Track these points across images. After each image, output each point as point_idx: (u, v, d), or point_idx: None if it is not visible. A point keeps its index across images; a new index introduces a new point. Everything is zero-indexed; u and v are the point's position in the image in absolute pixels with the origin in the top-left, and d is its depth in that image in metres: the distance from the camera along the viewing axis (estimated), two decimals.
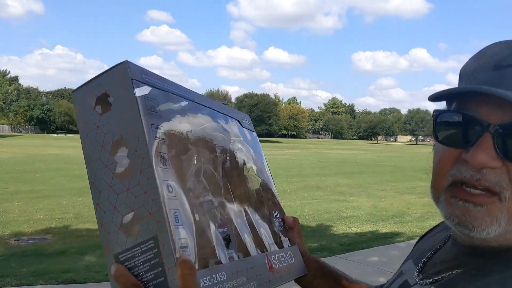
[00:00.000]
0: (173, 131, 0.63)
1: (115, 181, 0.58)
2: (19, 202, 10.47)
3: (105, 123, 0.60)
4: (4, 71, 70.62)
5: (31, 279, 4.96)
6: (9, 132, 79.58)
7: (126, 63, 0.61)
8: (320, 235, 7.86)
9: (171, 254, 0.53)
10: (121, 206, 0.57)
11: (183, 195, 0.60)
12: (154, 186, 0.55)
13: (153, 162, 0.57)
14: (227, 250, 0.64)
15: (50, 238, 7.44)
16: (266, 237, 0.77)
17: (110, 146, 0.59)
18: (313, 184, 15.09)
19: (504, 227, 0.55)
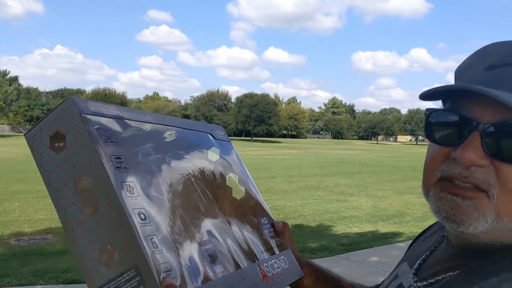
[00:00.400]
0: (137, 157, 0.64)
1: (85, 217, 0.59)
2: (19, 202, 10.48)
3: (64, 161, 0.60)
4: (4, 71, 70.48)
5: (32, 279, 4.97)
6: (9, 132, 79.59)
7: (70, 99, 0.61)
8: (320, 235, 7.87)
9: (154, 281, 0.54)
10: (96, 241, 0.58)
11: (159, 219, 0.60)
12: (124, 217, 0.56)
13: (119, 193, 0.57)
14: (214, 265, 0.65)
15: (51, 238, 7.45)
16: (255, 246, 0.77)
17: (73, 184, 0.59)
18: (313, 184, 15.10)
19: (491, 223, 0.56)
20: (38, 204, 10.37)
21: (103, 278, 0.57)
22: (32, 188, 12.66)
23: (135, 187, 0.60)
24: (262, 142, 75.75)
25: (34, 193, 11.88)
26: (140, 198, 0.60)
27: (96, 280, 0.58)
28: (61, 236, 7.55)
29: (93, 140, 0.58)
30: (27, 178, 14.79)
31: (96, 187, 0.58)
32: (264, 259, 0.78)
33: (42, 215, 9.18)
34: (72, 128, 0.59)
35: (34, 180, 14.47)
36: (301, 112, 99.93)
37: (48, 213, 9.39)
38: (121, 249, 0.56)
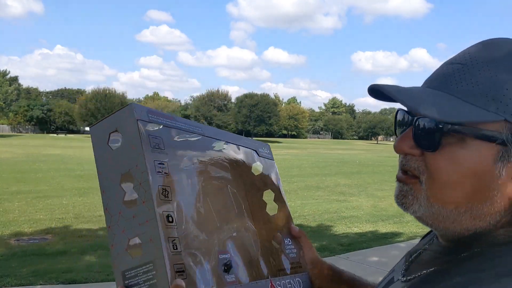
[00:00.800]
0: (180, 165, 0.70)
1: (124, 208, 0.66)
2: (19, 202, 10.48)
3: (116, 156, 0.68)
4: (4, 71, 70.47)
5: (32, 279, 4.97)
6: (9, 132, 79.59)
7: (132, 105, 0.69)
8: (320, 235, 7.87)
9: (165, 278, 0.60)
10: (128, 230, 0.65)
11: (186, 224, 0.67)
12: (154, 216, 0.62)
13: (154, 195, 0.64)
14: (227, 274, 0.69)
15: (51, 238, 7.45)
16: (273, 264, 0.81)
17: (120, 178, 0.67)
18: (313, 184, 15.10)
19: (426, 207, 0.61)
20: (38, 204, 10.37)
21: (126, 265, 0.64)
22: (32, 188, 12.66)
23: (170, 192, 0.66)
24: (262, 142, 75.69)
25: (34, 193, 11.88)
26: (173, 202, 0.66)
27: (120, 265, 0.65)
28: (61, 236, 7.56)
29: (142, 145, 0.66)
30: (27, 178, 14.79)
31: (137, 185, 0.65)
32: (279, 277, 0.81)
33: (42, 215, 9.18)
34: (128, 130, 0.67)
35: (34, 180, 14.47)
36: (301, 112, 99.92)
37: (48, 213, 9.40)
38: (145, 243, 0.63)
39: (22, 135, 71.80)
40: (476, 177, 0.57)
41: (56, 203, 10.54)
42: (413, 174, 0.62)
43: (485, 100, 0.57)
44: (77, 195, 11.67)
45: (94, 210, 9.78)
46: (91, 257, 6.19)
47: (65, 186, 13.31)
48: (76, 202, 10.78)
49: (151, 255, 0.62)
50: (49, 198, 11.21)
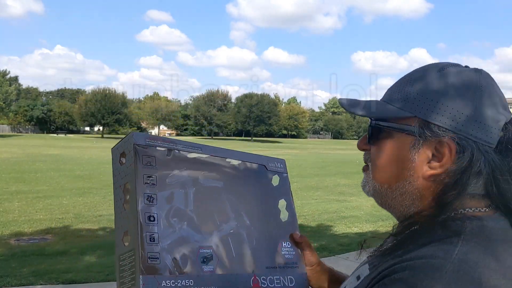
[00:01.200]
0: (167, 177, 0.87)
1: (123, 209, 0.85)
2: (19, 202, 10.48)
3: (122, 171, 0.88)
4: (4, 71, 70.44)
5: (31, 279, 4.97)
6: (9, 132, 79.58)
7: (132, 134, 0.88)
8: (320, 235, 7.87)
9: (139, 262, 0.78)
10: (123, 225, 0.85)
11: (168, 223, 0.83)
12: (136, 215, 0.81)
13: (139, 200, 0.82)
14: (205, 265, 0.84)
15: (51, 238, 7.45)
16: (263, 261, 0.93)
17: (123, 186, 0.86)
18: (313, 184, 15.10)
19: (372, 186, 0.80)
20: (38, 204, 10.38)
21: (121, 251, 0.84)
22: (32, 188, 12.67)
23: (155, 198, 0.84)
24: (262, 142, 75.73)
25: (34, 193, 11.88)
26: (157, 206, 0.83)
27: (118, 251, 0.84)
28: (61, 236, 7.56)
29: (136, 162, 0.85)
30: (26, 178, 14.80)
31: (132, 193, 0.84)
32: (265, 272, 0.92)
33: (42, 215, 9.18)
34: (129, 152, 0.87)
35: (34, 180, 14.47)
36: (301, 112, 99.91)
37: (48, 213, 9.40)
38: (131, 235, 0.82)
39: (22, 135, 71.78)
40: (399, 162, 0.75)
41: (56, 203, 10.54)
42: (367, 164, 0.82)
43: (402, 102, 0.75)
44: (77, 195, 11.67)
45: (94, 210, 9.78)
46: (91, 257, 6.19)
47: (65, 186, 13.31)
48: (76, 202, 10.78)
49: (133, 244, 0.80)
50: (49, 198, 11.21)
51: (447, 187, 0.71)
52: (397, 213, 0.78)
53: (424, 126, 0.72)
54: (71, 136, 75.12)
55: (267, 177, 1.03)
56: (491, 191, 0.71)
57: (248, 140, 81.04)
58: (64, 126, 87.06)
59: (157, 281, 0.78)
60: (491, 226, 0.69)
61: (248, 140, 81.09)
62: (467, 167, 0.70)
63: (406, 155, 0.74)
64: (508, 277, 0.61)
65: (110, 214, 9.20)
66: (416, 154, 0.73)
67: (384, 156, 0.77)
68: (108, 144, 48.41)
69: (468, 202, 0.72)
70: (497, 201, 0.72)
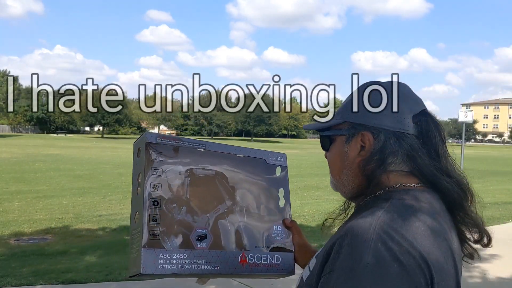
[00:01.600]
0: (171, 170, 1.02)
1: (136, 194, 1.00)
2: (19, 202, 10.48)
3: (138, 163, 1.03)
4: (4, 71, 70.43)
5: (31, 279, 4.96)
6: (9, 132, 79.56)
7: (145, 133, 1.03)
8: (320, 235, 7.86)
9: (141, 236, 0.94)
10: (135, 207, 1.00)
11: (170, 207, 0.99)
12: (142, 199, 0.97)
13: (147, 186, 0.98)
14: (199, 242, 0.99)
15: (50, 238, 7.45)
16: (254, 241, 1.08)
17: (137, 175, 1.01)
18: (313, 184, 15.11)
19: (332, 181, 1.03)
20: (38, 204, 10.38)
21: (133, 226, 0.98)
22: (32, 188, 12.67)
23: (161, 186, 0.99)
24: (262, 142, 75.69)
25: (34, 193, 11.89)
26: (161, 192, 0.99)
27: (131, 226, 0.99)
28: (60, 236, 7.56)
29: (146, 157, 1.00)
30: (26, 178, 14.80)
31: (142, 181, 0.99)
32: (254, 250, 1.07)
33: (41, 215, 9.18)
34: (143, 147, 1.01)
35: (33, 180, 14.47)
36: (301, 112, 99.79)
37: (48, 213, 9.40)
38: (139, 215, 0.97)
39: (22, 135, 71.77)
40: (340, 157, 0.98)
41: (56, 203, 10.54)
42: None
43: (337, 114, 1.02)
44: (77, 195, 11.68)
45: (94, 210, 9.78)
46: (90, 257, 6.19)
47: (64, 186, 13.31)
48: (76, 202, 10.78)
49: (140, 222, 0.95)
50: (48, 198, 11.22)
51: (373, 166, 0.92)
52: (348, 196, 1.02)
53: (350, 127, 0.96)
54: (71, 136, 75.10)
55: (271, 168, 1.17)
56: (413, 168, 0.91)
57: (248, 140, 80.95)
58: (64, 126, 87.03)
59: (155, 253, 0.94)
60: (415, 196, 0.87)
61: (248, 140, 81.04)
62: (382, 148, 0.91)
63: (344, 151, 0.97)
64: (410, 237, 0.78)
65: (109, 214, 9.21)
66: (348, 148, 0.96)
67: (332, 156, 1.01)
68: (108, 144, 48.38)
69: (400, 179, 0.91)
70: (421, 176, 0.91)
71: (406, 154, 0.91)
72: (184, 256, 0.97)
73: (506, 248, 6.75)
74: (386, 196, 0.88)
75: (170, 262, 0.95)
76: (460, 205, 0.92)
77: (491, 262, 5.96)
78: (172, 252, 0.95)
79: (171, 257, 0.95)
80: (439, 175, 0.90)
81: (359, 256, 0.76)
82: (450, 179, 0.91)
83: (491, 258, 6.17)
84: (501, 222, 9.12)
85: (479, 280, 5.23)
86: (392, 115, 0.93)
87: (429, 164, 0.91)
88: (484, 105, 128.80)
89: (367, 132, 0.93)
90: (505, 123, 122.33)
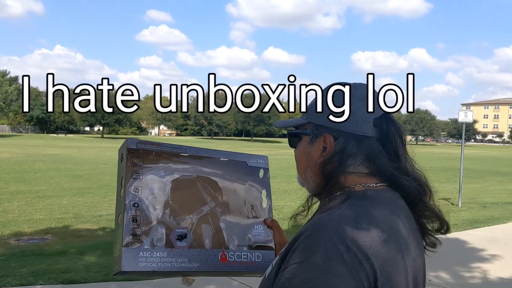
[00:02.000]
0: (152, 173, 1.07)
1: (119, 197, 1.06)
2: (19, 202, 10.48)
3: (121, 168, 1.07)
4: (4, 71, 70.37)
5: (31, 279, 4.96)
6: (9, 132, 79.55)
7: (126, 140, 1.08)
8: None
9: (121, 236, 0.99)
10: (118, 208, 1.05)
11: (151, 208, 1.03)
12: (123, 202, 1.02)
13: (127, 190, 1.03)
14: (179, 241, 1.04)
15: (50, 238, 7.44)
16: (233, 240, 1.11)
17: (120, 180, 1.06)
18: None
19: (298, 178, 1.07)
20: (38, 204, 10.37)
21: (116, 228, 1.03)
22: (32, 188, 12.66)
23: (141, 188, 1.04)
24: (262, 142, 75.68)
25: (34, 193, 11.88)
26: (141, 194, 1.04)
27: (115, 228, 1.04)
28: (60, 236, 7.56)
29: (127, 161, 1.05)
30: (26, 178, 14.79)
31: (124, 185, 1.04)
32: (234, 249, 1.11)
33: (41, 215, 9.17)
34: (125, 152, 1.07)
35: (33, 180, 14.46)
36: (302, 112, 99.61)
37: (48, 213, 9.39)
38: (122, 217, 1.01)
39: (22, 135, 71.76)
40: (304, 156, 1.02)
41: (56, 203, 10.54)
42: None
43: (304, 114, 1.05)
44: (76, 195, 11.67)
45: (94, 210, 9.78)
46: (90, 257, 6.18)
47: (64, 186, 13.31)
48: (76, 202, 10.77)
49: (121, 224, 1.00)
50: (48, 198, 11.21)
51: (332, 167, 0.96)
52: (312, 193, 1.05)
53: (314, 128, 1.00)
54: (71, 136, 75.10)
55: (254, 170, 1.21)
56: (373, 169, 0.95)
57: (248, 140, 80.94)
58: (64, 126, 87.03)
59: (135, 252, 0.98)
60: (372, 195, 0.92)
61: (248, 140, 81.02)
62: (342, 150, 0.95)
63: (306, 150, 1.01)
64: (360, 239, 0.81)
65: (109, 214, 9.19)
66: (311, 148, 1.00)
67: (298, 154, 1.05)
68: (108, 144, 48.38)
69: (359, 179, 0.95)
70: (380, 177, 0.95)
71: (366, 156, 0.96)
72: (164, 255, 1.01)
73: (506, 248, 6.75)
74: (343, 197, 0.93)
75: (150, 260, 0.99)
76: (420, 200, 0.97)
77: (491, 262, 5.95)
78: (151, 251, 1.00)
79: (151, 255, 1.00)
80: (398, 174, 0.95)
81: (310, 253, 0.80)
82: (409, 177, 0.96)
83: (491, 258, 6.16)
84: (501, 222, 9.11)
85: (479, 280, 5.22)
86: (353, 118, 0.97)
87: (388, 165, 0.95)
88: (484, 105, 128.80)
89: (328, 134, 0.97)
90: (505, 123, 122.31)
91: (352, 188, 0.94)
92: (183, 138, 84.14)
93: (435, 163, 28.33)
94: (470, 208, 10.84)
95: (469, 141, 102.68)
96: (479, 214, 10.03)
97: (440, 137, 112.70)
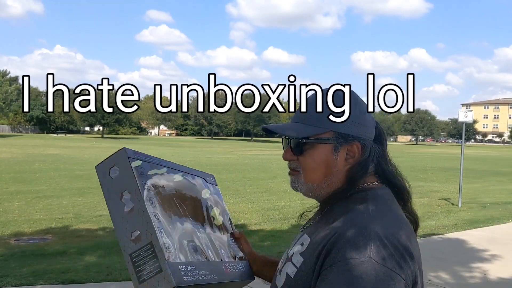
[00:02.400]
0: (156, 185, 1.06)
1: (125, 214, 0.99)
2: (19, 202, 10.47)
3: (115, 182, 1.01)
4: (4, 71, 70.36)
5: (31, 279, 4.96)
6: (9, 132, 79.52)
7: (124, 149, 1.04)
8: None
9: (161, 251, 0.94)
10: (129, 227, 0.98)
11: (165, 220, 1.01)
12: (147, 215, 0.97)
13: (145, 202, 0.98)
14: (195, 254, 1.04)
15: (50, 238, 7.44)
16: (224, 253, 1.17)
17: (119, 195, 1.00)
18: None
19: (304, 186, 1.05)
20: (38, 204, 10.37)
21: (132, 249, 0.96)
22: (32, 188, 12.66)
23: (154, 200, 1.02)
24: (263, 142, 75.66)
25: (34, 193, 11.88)
26: (156, 207, 1.01)
27: (128, 250, 0.96)
28: (60, 236, 7.55)
29: (134, 172, 1.01)
30: (26, 178, 14.79)
31: (133, 197, 0.99)
32: (228, 261, 1.17)
33: (41, 215, 9.17)
34: (123, 164, 1.01)
35: (33, 180, 14.46)
36: None
37: (48, 213, 9.39)
38: (143, 232, 0.96)
39: (22, 135, 71.73)
40: (325, 163, 1.03)
41: (56, 203, 10.53)
42: (295, 169, 1.06)
43: (317, 121, 1.03)
44: (76, 195, 11.66)
45: (94, 210, 9.77)
46: (90, 257, 6.18)
47: (64, 186, 13.30)
48: (76, 202, 10.77)
49: (148, 239, 0.95)
50: (48, 198, 11.21)
51: (357, 171, 1.02)
52: (321, 198, 1.06)
53: (338, 136, 1.02)
54: (71, 136, 75.06)
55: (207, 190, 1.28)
56: (379, 171, 1.05)
57: (248, 140, 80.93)
58: (64, 126, 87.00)
59: (178, 266, 0.96)
60: (381, 193, 1.02)
61: (248, 140, 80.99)
62: (368, 156, 1.03)
63: (331, 157, 1.03)
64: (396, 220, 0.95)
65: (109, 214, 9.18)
66: (337, 156, 1.03)
67: (313, 162, 1.04)
68: (108, 144, 48.30)
69: (366, 179, 1.03)
70: (382, 177, 1.05)
71: (377, 160, 1.05)
72: (193, 268, 1.00)
73: (506, 248, 6.75)
74: (361, 194, 1.01)
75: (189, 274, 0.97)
76: (408, 201, 1.08)
77: (491, 262, 5.95)
78: (185, 264, 0.98)
79: (187, 268, 0.98)
80: (396, 176, 1.08)
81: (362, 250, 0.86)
82: (401, 178, 1.09)
83: (491, 258, 6.16)
84: (501, 222, 9.11)
85: (479, 280, 5.22)
86: (369, 125, 1.06)
87: (388, 167, 1.07)
88: (484, 105, 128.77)
89: (357, 143, 1.03)
90: (505, 123, 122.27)
91: (362, 187, 1.03)
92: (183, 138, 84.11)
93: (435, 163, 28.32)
94: (470, 208, 10.84)
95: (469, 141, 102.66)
96: (479, 214, 10.03)
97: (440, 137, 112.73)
